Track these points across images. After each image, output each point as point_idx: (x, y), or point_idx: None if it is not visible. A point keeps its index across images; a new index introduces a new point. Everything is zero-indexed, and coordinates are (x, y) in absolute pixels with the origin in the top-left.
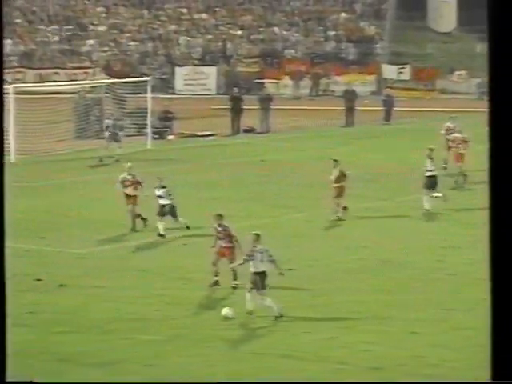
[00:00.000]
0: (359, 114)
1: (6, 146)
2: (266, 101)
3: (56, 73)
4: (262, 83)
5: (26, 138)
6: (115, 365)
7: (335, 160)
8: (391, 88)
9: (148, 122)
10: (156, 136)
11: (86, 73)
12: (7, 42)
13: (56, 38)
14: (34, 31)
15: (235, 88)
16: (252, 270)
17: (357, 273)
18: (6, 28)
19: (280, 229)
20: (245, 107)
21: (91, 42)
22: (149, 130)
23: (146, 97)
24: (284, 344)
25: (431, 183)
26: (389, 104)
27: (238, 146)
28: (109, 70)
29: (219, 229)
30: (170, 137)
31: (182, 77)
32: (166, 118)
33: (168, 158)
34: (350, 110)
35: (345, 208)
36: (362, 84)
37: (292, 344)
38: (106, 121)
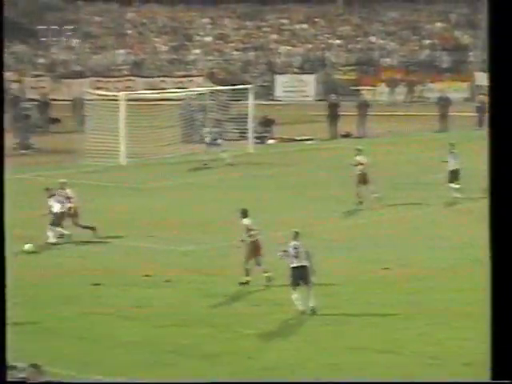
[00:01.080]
0: (452, 120)
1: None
2: (363, 107)
3: (163, 81)
4: (359, 90)
5: (135, 142)
6: (219, 357)
7: (358, 149)
8: (484, 95)
9: (249, 127)
10: (257, 140)
11: (191, 80)
12: (120, 52)
13: (164, 48)
14: (143, 42)
15: (333, 95)
16: (290, 265)
17: (450, 271)
18: (118, 39)
19: (378, 228)
20: (342, 113)
21: (197, 51)
22: (250, 134)
23: (247, 103)
24: (380, 340)
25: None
26: (482, 110)
27: (335, 150)
28: (213, 78)
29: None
30: (270, 141)
31: (282, 84)
32: (267, 123)
33: (268, 162)
34: (443, 116)
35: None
36: (456, 91)
37: (387, 340)
38: (206, 127)
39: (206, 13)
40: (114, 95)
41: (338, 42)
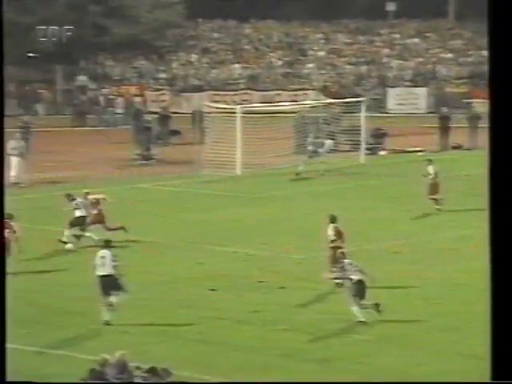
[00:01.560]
0: None
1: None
2: (474, 119)
3: (278, 94)
4: (470, 103)
5: (250, 153)
6: (330, 362)
7: (429, 160)
8: None
9: (361, 138)
10: (369, 152)
11: (305, 94)
12: (236, 67)
13: (279, 63)
14: (259, 57)
15: (444, 107)
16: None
17: None
18: (235, 54)
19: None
20: (453, 125)
21: (310, 65)
22: (362, 145)
23: (360, 116)
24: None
25: None
26: None
27: (445, 162)
28: (326, 92)
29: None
30: (382, 152)
31: (394, 97)
32: (379, 135)
33: (377, 172)
34: None
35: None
36: None
37: None
38: (309, 139)
39: (319, 28)
40: (231, 108)
41: (449, 55)
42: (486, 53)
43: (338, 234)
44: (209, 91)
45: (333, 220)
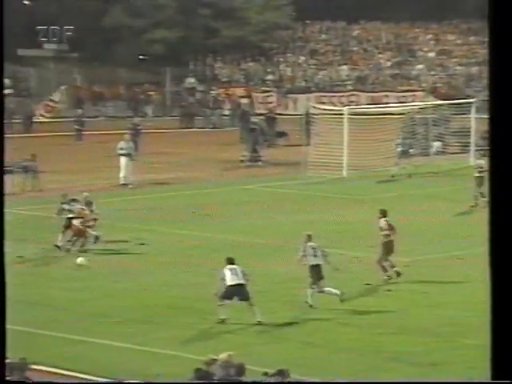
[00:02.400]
0: None
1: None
2: None
3: (386, 95)
4: None
5: (357, 155)
6: (438, 366)
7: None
8: None
9: (471, 140)
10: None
11: (414, 95)
12: (344, 68)
13: (387, 64)
14: (367, 58)
15: None
16: (308, 263)
17: None
18: (343, 55)
19: None
20: None
21: (420, 66)
22: (472, 147)
23: (470, 117)
24: None
25: None
26: None
27: None
28: (436, 93)
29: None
30: None
31: None
32: None
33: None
34: None
35: None
36: None
37: None
38: (398, 140)
39: (429, 29)
40: (339, 110)
41: None
42: None
43: (390, 228)
44: (316, 93)
45: (383, 214)
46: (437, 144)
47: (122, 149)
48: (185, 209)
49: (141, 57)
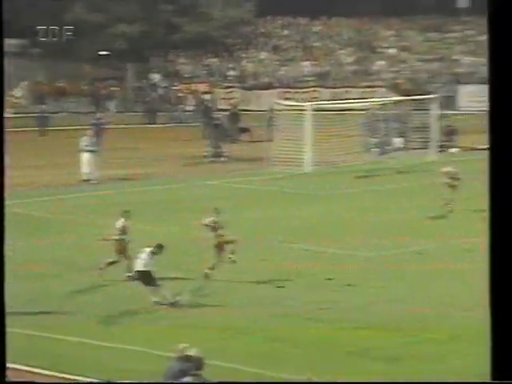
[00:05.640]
0: None
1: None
2: None
3: (348, 91)
4: None
5: (319, 151)
6: (399, 360)
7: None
8: None
9: (432, 136)
10: (440, 149)
11: (375, 91)
12: (305, 64)
13: (349, 60)
14: (329, 54)
15: None
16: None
17: None
18: (305, 51)
19: None
20: None
21: (381, 62)
22: (433, 143)
23: (431, 113)
24: None
25: None
26: None
27: None
28: (397, 89)
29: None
30: (453, 150)
31: (466, 94)
32: (450, 132)
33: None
34: None
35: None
36: None
37: None
38: (360, 136)
39: (390, 25)
40: (301, 105)
41: None
42: None
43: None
44: (278, 89)
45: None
46: (398, 140)
47: (84, 144)
48: (148, 204)
49: (102, 52)
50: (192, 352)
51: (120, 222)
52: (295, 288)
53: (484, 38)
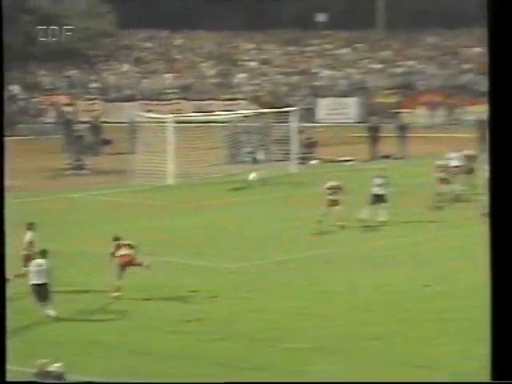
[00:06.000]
0: None
1: (162, 169)
2: (403, 129)
3: (210, 104)
4: (399, 113)
5: (182, 163)
6: (260, 370)
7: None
8: None
9: (293, 148)
10: (301, 161)
11: (237, 104)
12: (167, 76)
13: (211, 73)
14: (191, 66)
15: (374, 117)
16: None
17: None
18: (167, 64)
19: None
20: (382, 135)
21: (242, 75)
22: (293, 155)
23: (291, 125)
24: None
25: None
26: None
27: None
28: (258, 101)
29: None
30: (313, 162)
31: (325, 107)
32: (310, 144)
33: (310, 182)
34: (482, 138)
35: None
36: None
37: None
38: (245, 148)
39: (251, 39)
40: (163, 118)
41: (379, 66)
42: (414, 63)
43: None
44: (141, 101)
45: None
46: (260, 152)
47: None
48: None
49: None
50: (52, 367)
51: (28, 236)
52: (160, 301)
53: (341, 51)
